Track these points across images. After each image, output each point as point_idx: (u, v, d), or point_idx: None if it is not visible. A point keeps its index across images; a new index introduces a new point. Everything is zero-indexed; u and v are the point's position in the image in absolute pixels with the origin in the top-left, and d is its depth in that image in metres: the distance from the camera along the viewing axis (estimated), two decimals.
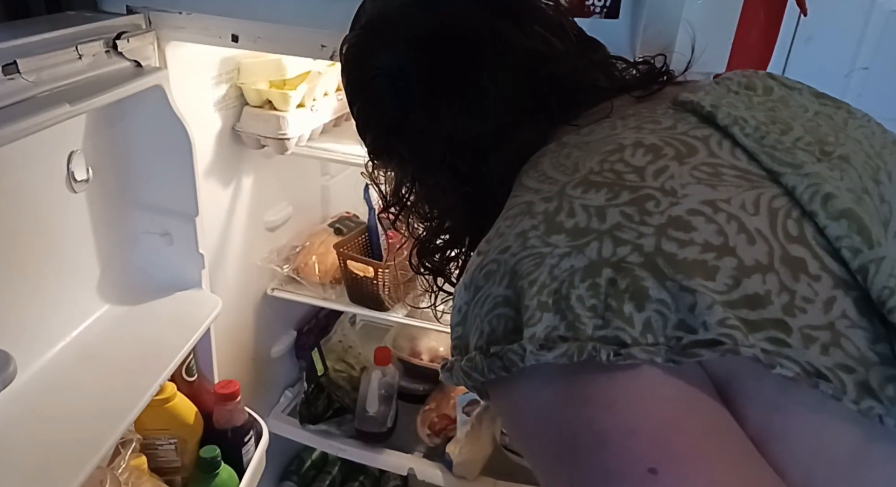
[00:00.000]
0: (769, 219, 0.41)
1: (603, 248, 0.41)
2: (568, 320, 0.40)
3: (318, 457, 1.73)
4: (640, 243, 0.40)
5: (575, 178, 0.46)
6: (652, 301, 0.39)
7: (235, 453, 1.17)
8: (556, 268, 0.41)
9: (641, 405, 0.39)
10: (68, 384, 0.92)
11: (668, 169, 0.44)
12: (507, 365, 0.42)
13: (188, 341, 1.03)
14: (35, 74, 0.78)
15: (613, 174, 0.45)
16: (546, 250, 0.43)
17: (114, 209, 1.05)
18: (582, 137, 0.52)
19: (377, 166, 0.69)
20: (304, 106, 1.25)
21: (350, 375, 1.54)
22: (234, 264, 1.34)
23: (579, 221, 0.43)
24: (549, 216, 0.45)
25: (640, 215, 0.42)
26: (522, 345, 0.40)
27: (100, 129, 0.98)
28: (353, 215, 1.58)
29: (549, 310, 0.40)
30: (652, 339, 0.38)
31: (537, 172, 0.51)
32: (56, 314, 0.98)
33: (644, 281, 0.39)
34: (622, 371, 0.39)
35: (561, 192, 0.46)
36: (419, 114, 0.61)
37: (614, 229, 0.41)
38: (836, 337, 0.38)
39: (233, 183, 1.29)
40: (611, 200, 0.43)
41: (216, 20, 0.96)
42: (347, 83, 0.68)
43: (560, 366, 0.40)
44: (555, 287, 0.41)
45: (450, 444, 1.41)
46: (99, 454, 0.83)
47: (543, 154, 0.53)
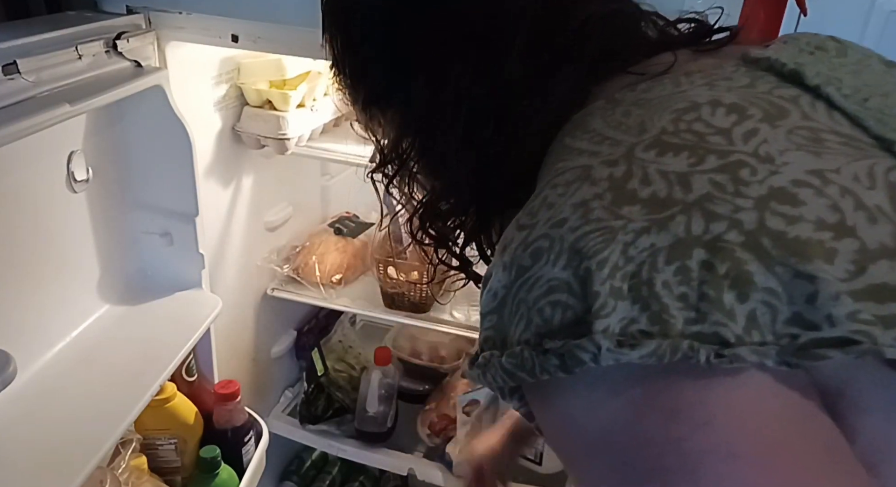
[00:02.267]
0: (888, 194, 0.34)
1: (692, 223, 0.34)
2: (651, 311, 0.33)
3: (318, 457, 1.73)
4: (738, 219, 0.33)
5: (644, 138, 0.38)
6: (757, 290, 0.32)
7: (235, 453, 1.18)
8: (631, 246, 0.34)
9: (745, 422, 0.32)
10: (68, 384, 0.92)
11: (759, 132, 0.37)
12: (567, 365, 0.35)
13: (188, 341, 1.03)
14: (35, 74, 0.78)
15: (693, 135, 0.37)
16: (617, 223, 0.35)
17: (114, 209, 1.05)
18: (639, 94, 0.44)
19: (373, 116, 0.59)
20: (304, 106, 1.25)
21: (350, 375, 1.54)
22: (234, 265, 1.34)
23: (657, 189, 0.35)
24: (616, 183, 0.37)
25: (734, 184, 0.34)
26: (595, 340, 0.33)
27: (100, 129, 0.98)
28: (353, 215, 1.58)
29: (624, 298, 0.33)
30: (759, 337, 0.32)
31: (587, 132, 0.43)
32: (56, 315, 0.98)
33: (747, 265, 0.32)
34: (722, 378, 0.32)
35: (629, 154, 0.38)
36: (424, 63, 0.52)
37: (704, 200, 0.34)
38: None
39: (233, 183, 1.29)
40: (695, 165, 0.36)
41: (216, 20, 0.96)
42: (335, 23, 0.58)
43: (641, 369, 0.33)
44: (631, 270, 0.34)
45: (450, 444, 1.41)
46: (99, 454, 0.83)
47: (590, 112, 0.45)
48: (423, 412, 1.51)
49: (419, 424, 1.49)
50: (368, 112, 0.59)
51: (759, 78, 0.42)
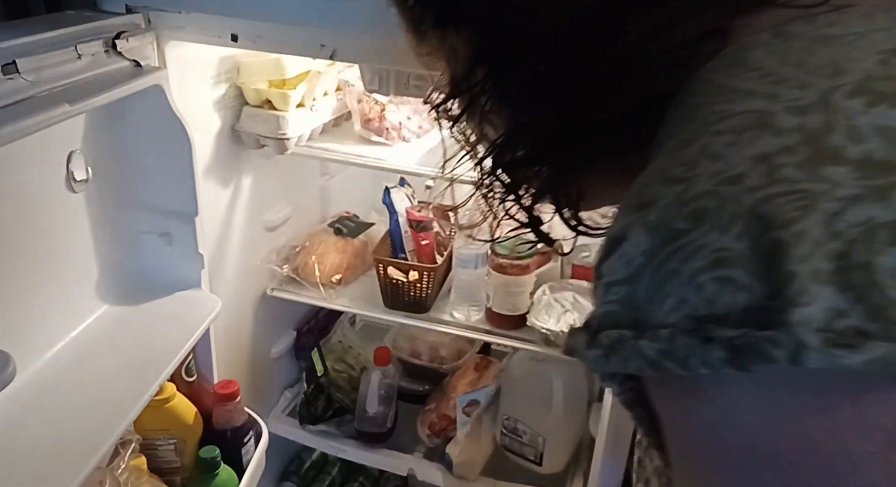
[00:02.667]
0: None
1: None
2: (870, 303, 0.25)
3: (317, 458, 1.73)
4: None
5: (845, 82, 0.30)
6: None
7: (235, 453, 1.17)
8: (838, 218, 0.26)
9: None
10: (67, 384, 0.92)
11: None
12: (743, 360, 0.26)
13: (187, 341, 1.03)
14: (34, 73, 0.78)
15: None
16: (818, 187, 0.27)
17: (113, 209, 1.04)
18: (821, 29, 0.34)
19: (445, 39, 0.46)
20: (303, 106, 1.25)
21: (350, 375, 1.54)
22: (233, 265, 1.33)
23: (873, 149, 0.27)
24: (813, 136, 0.28)
25: None
26: (797, 335, 0.25)
27: (99, 129, 0.97)
28: (353, 215, 1.58)
29: (830, 283, 0.25)
30: None
31: (752, 69, 0.34)
32: (55, 315, 0.97)
33: None
34: None
35: (825, 100, 0.29)
36: None
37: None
38: None
39: (232, 183, 1.29)
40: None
41: (215, 19, 0.96)
42: None
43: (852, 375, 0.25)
44: (839, 248, 0.26)
45: (450, 444, 1.41)
46: (98, 454, 0.82)
47: (751, 46, 0.35)
48: (422, 413, 1.51)
49: (419, 424, 1.49)
50: (439, 34, 0.47)
51: None
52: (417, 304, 1.37)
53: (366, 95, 1.28)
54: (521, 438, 1.42)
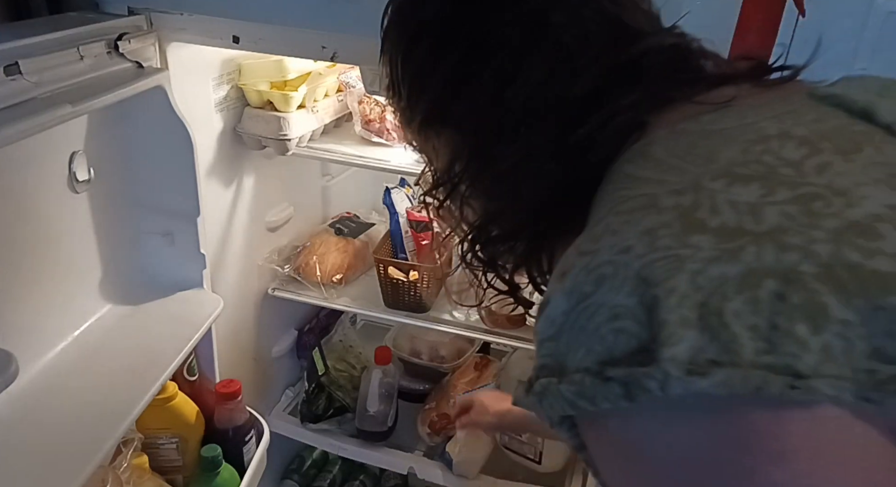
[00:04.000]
0: None
1: (763, 253, 0.33)
2: (721, 340, 0.32)
3: (318, 456, 1.73)
4: (812, 250, 0.32)
5: (712, 168, 0.38)
6: (833, 322, 0.31)
7: (236, 452, 1.18)
8: (700, 275, 0.33)
9: (822, 458, 0.31)
10: (70, 383, 0.93)
11: (833, 165, 0.36)
12: (632, 393, 0.33)
13: (189, 340, 1.04)
14: (37, 74, 0.78)
15: (763, 167, 0.37)
16: (685, 252, 0.34)
17: (115, 210, 1.05)
18: (704, 125, 0.43)
19: (428, 138, 0.57)
20: (304, 107, 1.25)
21: (351, 374, 1.54)
22: (235, 264, 1.34)
23: (727, 219, 0.35)
24: (684, 212, 0.36)
25: (807, 216, 0.34)
26: (664, 368, 0.32)
27: (101, 129, 0.98)
28: (354, 215, 1.59)
29: (693, 327, 0.32)
30: (834, 370, 0.30)
31: (650, 160, 0.42)
32: (57, 314, 0.98)
33: (822, 296, 0.31)
34: (796, 410, 0.31)
35: (696, 184, 0.37)
36: (490, 70, 0.50)
37: (776, 231, 0.34)
38: None
39: (234, 183, 1.29)
40: (765, 196, 0.35)
41: (217, 21, 0.97)
42: (399, 38, 0.57)
43: (710, 400, 0.32)
44: (700, 299, 0.33)
45: (450, 443, 1.42)
46: (101, 453, 0.83)
47: (652, 142, 0.44)
48: (423, 412, 1.51)
49: (419, 423, 1.50)
50: (423, 134, 0.57)
51: (828, 114, 0.42)
52: (418, 304, 1.37)
53: (366, 96, 1.28)
54: (521, 436, 1.43)
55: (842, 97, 0.43)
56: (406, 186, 1.45)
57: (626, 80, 0.48)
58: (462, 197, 0.55)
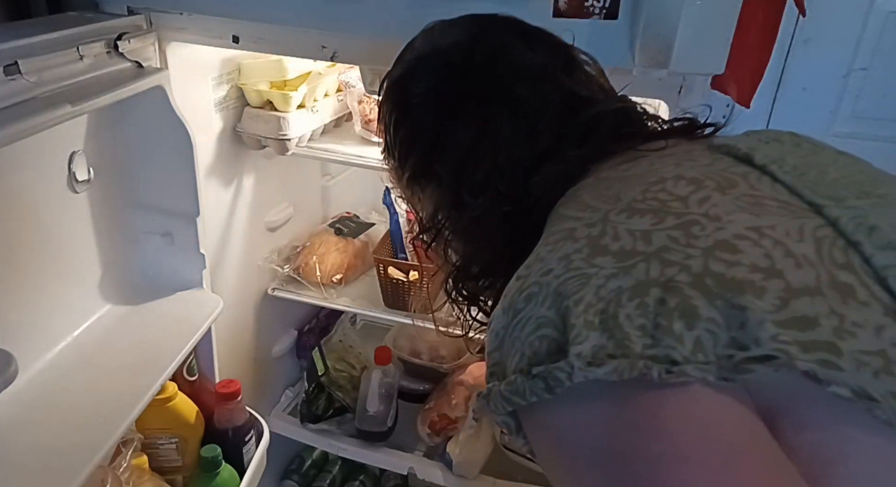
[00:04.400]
0: (815, 246, 0.42)
1: (650, 269, 0.41)
2: (616, 338, 0.39)
3: (318, 456, 1.73)
4: (687, 264, 0.41)
5: (618, 205, 0.47)
6: (702, 320, 0.39)
7: (236, 452, 1.18)
8: (602, 288, 0.42)
9: (693, 428, 0.38)
10: (69, 384, 0.92)
11: (711, 198, 0.45)
12: (550, 386, 0.41)
13: (189, 340, 1.04)
14: (36, 74, 0.78)
15: (657, 202, 0.46)
16: (591, 271, 0.43)
17: (115, 210, 1.05)
18: (620, 173, 0.53)
19: (415, 192, 0.68)
20: (304, 107, 1.25)
21: (350, 374, 1.54)
22: (234, 264, 1.34)
23: (625, 244, 0.43)
24: (593, 240, 0.45)
25: (686, 238, 0.42)
26: (570, 362, 0.40)
27: (101, 129, 0.98)
28: (354, 215, 1.59)
29: (595, 329, 0.40)
30: (703, 357, 0.38)
31: (577, 202, 0.52)
32: (57, 314, 0.98)
33: (694, 300, 0.39)
34: (673, 391, 0.38)
35: (604, 218, 0.46)
36: (465, 136, 0.61)
37: (661, 251, 0.42)
38: (888, 364, 0.37)
39: (234, 183, 1.29)
40: (656, 224, 0.44)
41: (217, 21, 0.97)
42: (391, 108, 0.68)
43: (608, 386, 0.39)
44: (601, 307, 0.41)
45: (450, 443, 1.42)
46: (100, 453, 0.83)
47: (581, 188, 0.54)
48: (423, 412, 1.51)
49: (419, 423, 1.49)
50: (411, 189, 0.68)
51: (719, 159, 0.52)
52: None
53: (366, 96, 1.28)
54: None
55: (730, 146, 0.53)
56: None
57: (577, 138, 0.58)
58: (445, 240, 0.66)
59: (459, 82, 0.63)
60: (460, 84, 0.63)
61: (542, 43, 0.65)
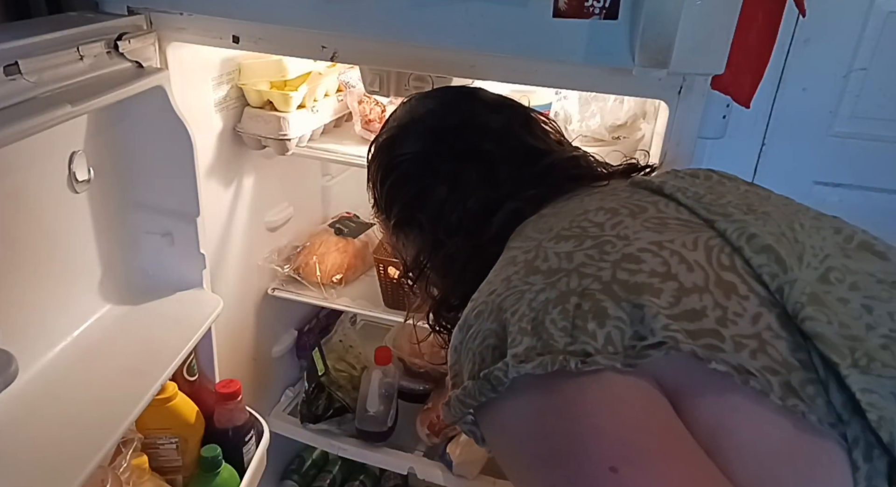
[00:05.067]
0: (706, 253, 0.51)
1: (570, 281, 0.51)
2: (543, 339, 0.48)
3: (318, 456, 1.73)
4: (599, 275, 0.50)
5: (549, 235, 0.58)
6: (611, 318, 0.47)
7: (236, 452, 1.18)
8: (533, 301, 0.51)
9: (604, 408, 0.45)
10: (70, 383, 0.92)
11: (624, 222, 0.56)
12: (493, 385, 0.49)
13: (189, 340, 1.04)
14: (36, 74, 0.78)
15: (580, 229, 0.56)
16: (525, 287, 0.52)
17: (115, 210, 1.05)
18: (556, 209, 0.65)
19: (399, 238, 0.80)
20: (304, 107, 1.25)
21: (350, 374, 1.54)
22: (235, 264, 1.34)
23: (552, 263, 0.53)
24: (528, 263, 0.55)
25: (600, 254, 0.52)
26: (506, 362, 0.48)
27: (101, 129, 0.98)
28: (354, 215, 1.59)
29: (528, 334, 0.49)
30: (612, 349, 0.46)
31: (521, 236, 0.63)
32: (57, 314, 0.98)
33: (604, 303, 0.48)
34: (588, 378, 0.46)
35: (538, 245, 0.57)
36: (441, 187, 0.73)
37: (580, 266, 0.52)
38: (763, 345, 0.46)
39: (234, 183, 1.29)
40: (577, 246, 0.54)
41: (217, 21, 0.97)
42: (378, 167, 0.80)
43: (537, 379, 0.47)
44: (532, 316, 0.49)
45: (450, 444, 1.42)
46: (100, 453, 0.83)
47: (527, 224, 0.65)
48: (422, 412, 1.51)
49: (419, 423, 1.49)
50: (396, 236, 0.80)
51: (636, 192, 0.63)
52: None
53: (366, 96, 1.28)
54: None
55: (648, 181, 0.64)
56: None
57: (534, 182, 0.70)
58: (427, 279, 0.77)
59: (435, 143, 0.76)
60: (436, 145, 0.76)
61: (504, 106, 0.79)
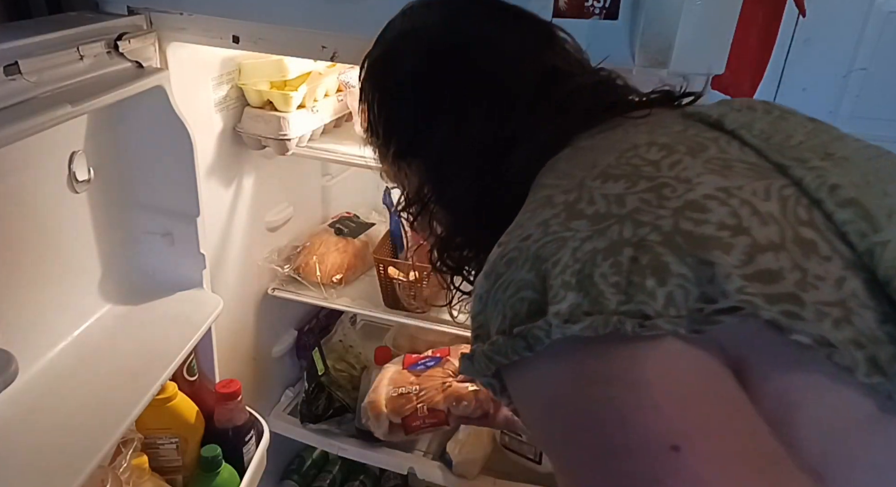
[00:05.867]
0: (780, 204, 0.44)
1: (623, 230, 0.43)
2: (591, 296, 0.41)
3: (318, 456, 1.73)
4: (658, 224, 0.42)
5: (593, 172, 0.49)
6: (673, 275, 0.40)
7: (236, 452, 1.18)
8: (578, 250, 0.43)
9: (664, 380, 0.40)
10: (70, 383, 0.92)
11: (682, 162, 0.47)
12: (530, 344, 0.43)
13: (189, 340, 1.04)
14: (36, 74, 0.78)
15: (630, 167, 0.48)
16: (568, 234, 0.45)
17: (115, 210, 1.05)
18: (596, 142, 0.55)
19: (400, 168, 0.70)
20: (304, 107, 1.25)
21: (350, 374, 1.54)
22: (235, 264, 1.34)
23: (599, 207, 0.45)
24: (569, 205, 0.47)
25: (657, 200, 0.44)
26: (548, 320, 0.42)
27: (101, 129, 0.98)
28: (354, 215, 1.59)
29: (572, 288, 0.42)
30: (675, 311, 0.40)
31: (555, 172, 0.54)
32: (57, 314, 0.98)
33: (665, 257, 0.41)
34: (645, 344, 0.40)
35: (580, 184, 0.48)
36: (447, 116, 0.63)
37: (633, 213, 0.44)
38: (847, 314, 0.39)
39: (234, 183, 1.29)
40: (629, 188, 0.46)
41: (217, 21, 0.97)
42: (373, 88, 0.70)
43: (584, 341, 0.41)
44: (578, 268, 0.42)
45: (450, 443, 1.42)
46: (100, 453, 0.83)
47: (560, 158, 0.56)
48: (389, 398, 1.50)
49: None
50: (396, 165, 0.69)
51: (691, 126, 0.53)
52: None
53: None
54: (521, 437, 1.43)
55: (702, 114, 0.54)
56: None
57: (556, 110, 0.60)
58: (430, 214, 0.68)
59: (440, 62, 0.64)
60: (440, 64, 0.64)
61: (521, 19, 0.67)
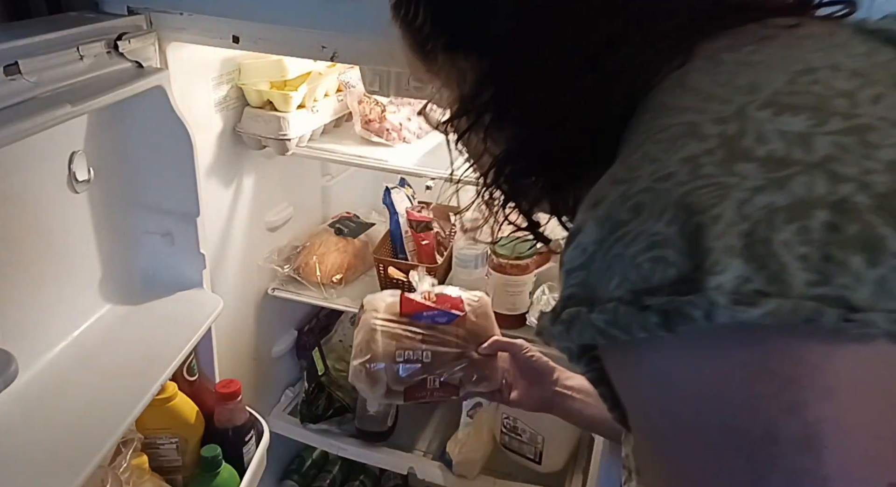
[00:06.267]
0: None
1: (814, 183, 0.31)
2: (769, 269, 0.30)
3: (318, 456, 1.73)
4: (868, 181, 0.31)
5: (758, 97, 0.36)
6: (890, 255, 0.29)
7: (236, 452, 1.18)
8: (747, 204, 0.32)
9: (874, 394, 0.30)
10: (69, 383, 0.92)
11: (887, 97, 0.35)
12: (671, 322, 0.32)
13: (189, 340, 1.04)
14: (36, 74, 0.78)
15: (813, 97, 0.35)
16: (731, 180, 0.33)
17: (115, 210, 1.05)
18: (745, 56, 0.41)
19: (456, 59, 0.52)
20: (304, 107, 1.25)
21: None
22: (234, 264, 1.34)
23: (775, 148, 0.33)
24: (728, 140, 0.35)
25: (862, 147, 0.32)
26: (710, 298, 0.31)
27: (101, 129, 0.98)
28: (354, 215, 1.59)
29: (739, 256, 0.31)
30: (892, 304, 0.29)
31: (691, 90, 0.40)
32: (57, 314, 0.98)
33: (879, 228, 0.30)
34: (849, 344, 0.30)
35: (741, 112, 0.36)
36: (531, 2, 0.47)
37: (827, 161, 0.32)
38: None
39: (234, 183, 1.29)
40: (817, 125, 0.34)
41: (217, 21, 0.97)
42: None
43: (756, 329, 0.31)
44: (746, 228, 0.31)
45: (450, 443, 1.42)
46: (100, 453, 0.83)
47: (689, 72, 0.42)
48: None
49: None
50: (443, 57, 0.52)
51: (878, 49, 0.40)
52: None
53: (366, 96, 1.28)
54: (521, 436, 1.43)
55: (891, 32, 0.41)
56: (406, 186, 1.45)
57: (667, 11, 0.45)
58: (486, 126, 0.51)
59: None
60: None
61: None
